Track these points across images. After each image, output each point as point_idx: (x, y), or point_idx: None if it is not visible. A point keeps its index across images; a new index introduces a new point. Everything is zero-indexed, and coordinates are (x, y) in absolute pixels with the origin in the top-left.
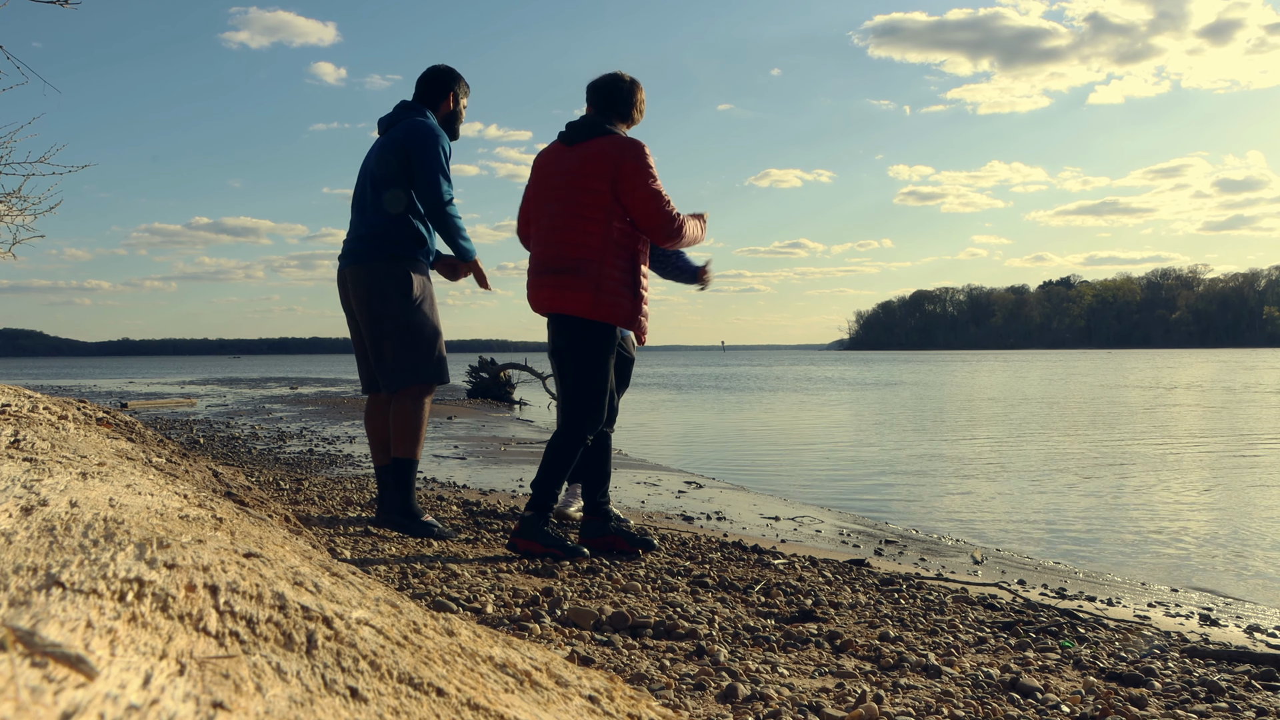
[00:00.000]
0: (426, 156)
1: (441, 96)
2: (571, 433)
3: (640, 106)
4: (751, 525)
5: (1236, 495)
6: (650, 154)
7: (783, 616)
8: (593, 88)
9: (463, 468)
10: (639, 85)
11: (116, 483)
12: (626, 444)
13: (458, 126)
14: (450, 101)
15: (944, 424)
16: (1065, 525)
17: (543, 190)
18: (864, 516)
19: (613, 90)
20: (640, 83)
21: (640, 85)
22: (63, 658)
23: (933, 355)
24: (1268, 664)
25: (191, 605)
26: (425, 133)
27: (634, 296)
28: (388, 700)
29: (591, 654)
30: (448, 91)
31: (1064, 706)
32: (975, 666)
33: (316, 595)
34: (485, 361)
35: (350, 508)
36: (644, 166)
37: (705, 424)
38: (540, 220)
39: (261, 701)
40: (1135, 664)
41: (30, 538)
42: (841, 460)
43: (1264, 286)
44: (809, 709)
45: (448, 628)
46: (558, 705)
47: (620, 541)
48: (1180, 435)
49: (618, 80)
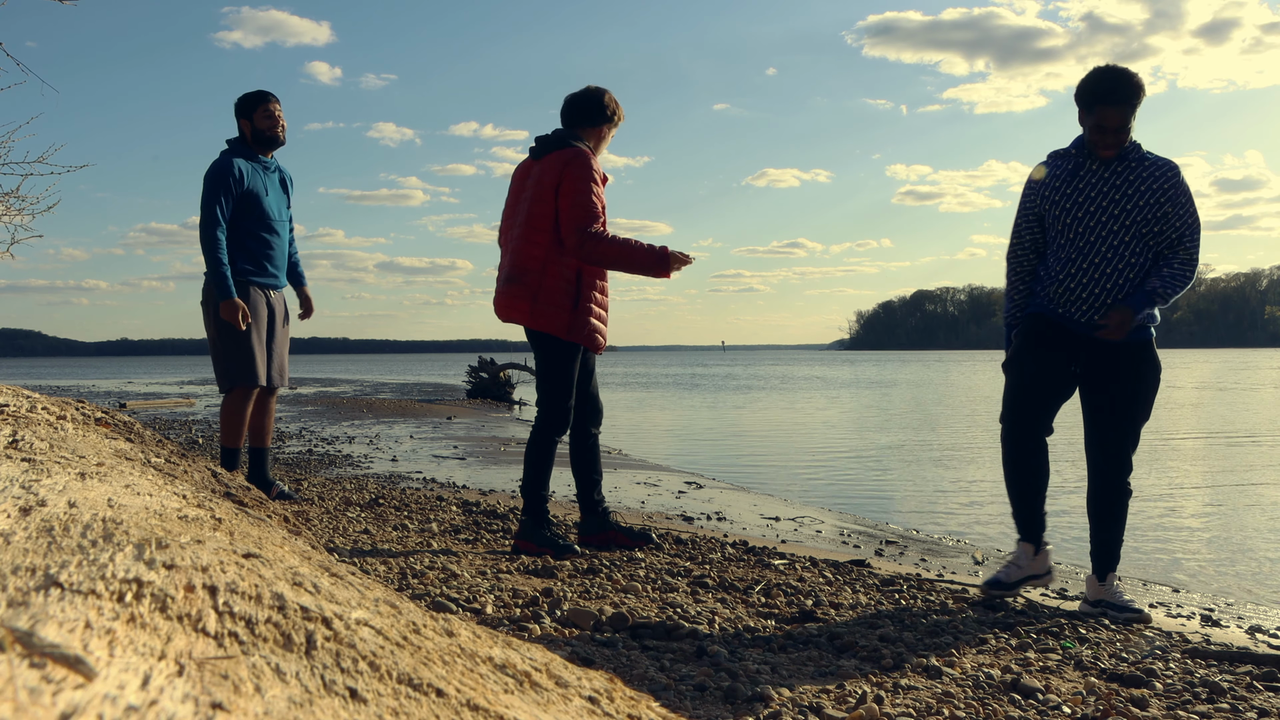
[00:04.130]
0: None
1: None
2: (537, 434)
3: (611, 107)
4: (752, 525)
5: (1238, 494)
6: (593, 166)
7: (783, 617)
8: (564, 103)
9: (462, 468)
10: (605, 91)
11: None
12: (626, 444)
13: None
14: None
15: (944, 424)
16: (1066, 525)
17: (512, 202)
18: (864, 517)
19: (578, 102)
20: (608, 90)
21: (607, 91)
22: (61, 658)
23: (933, 355)
24: (1269, 664)
25: (190, 606)
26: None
27: (574, 308)
28: (387, 701)
29: (591, 655)
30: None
31: (1065, 707)
32: (976, 667)
33: (316, 596)
34: (485, 361)
35: (350, 508)
36: (581, 176)
37: (705, 424)
38: (506, 231)
39: (260, 702)
40: (1136, 664)
41: (29, 538)
42: (842, 460)
43: (1265, 286)
44: (809, 710)
45: (447, 628)
46: (558, 706)
47: (620, 537)
48: (1181, 434)
49: (584, 92)
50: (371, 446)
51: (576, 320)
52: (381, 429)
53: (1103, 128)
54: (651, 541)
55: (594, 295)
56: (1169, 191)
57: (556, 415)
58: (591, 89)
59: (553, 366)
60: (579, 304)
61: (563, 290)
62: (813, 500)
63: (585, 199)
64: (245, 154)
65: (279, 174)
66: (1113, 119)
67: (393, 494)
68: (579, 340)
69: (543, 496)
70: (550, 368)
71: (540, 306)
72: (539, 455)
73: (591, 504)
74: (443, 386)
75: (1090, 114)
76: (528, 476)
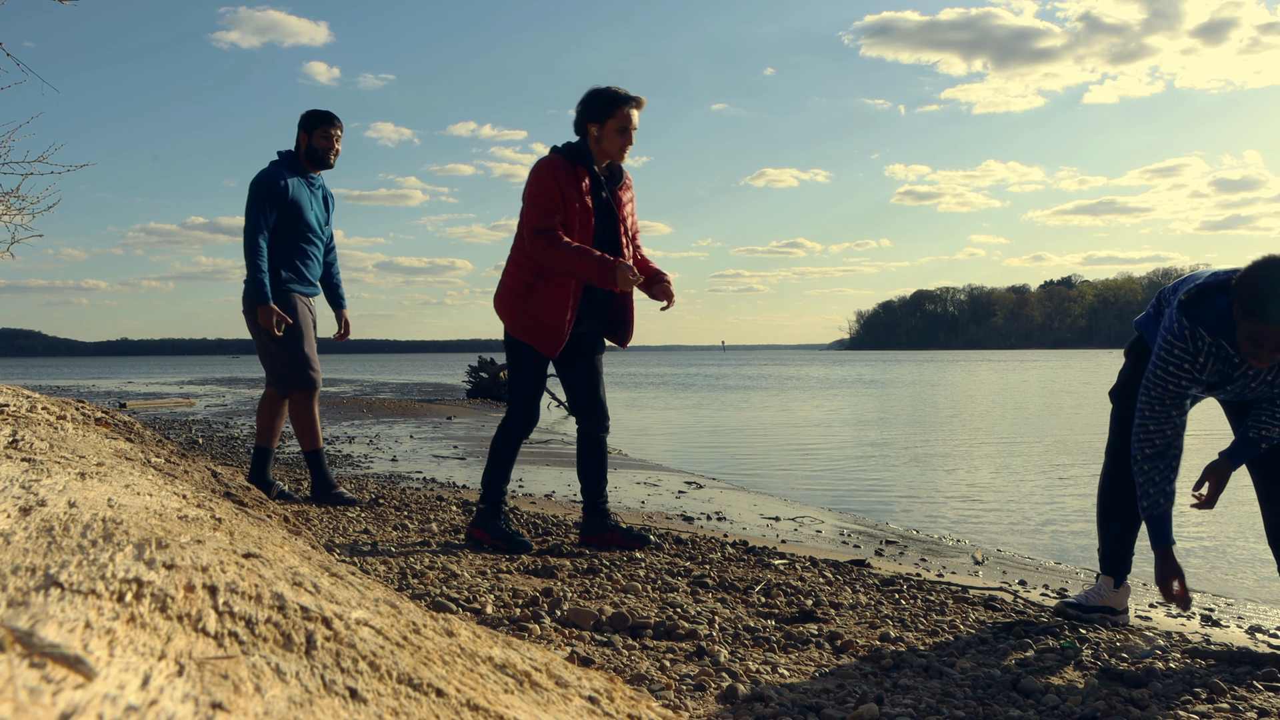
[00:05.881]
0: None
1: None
2: (499, 430)
3: (599, 99)
4: (752, 525)
5: (1239, 494)
6: (547, 168)
7: (783, 617)
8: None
9: (462, 468)
10: (604, 87)
11: (115, 483)
12: (626, 444)
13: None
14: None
15: (945, 424)
16: (1067, 525)
17: None
18: (864, 517)
19: (580, 104)
20: (612, 85)
21: (609, 86)
22: (61, 658)
23: (934, 355)
24: (1269, 664)
25: (190, 606)
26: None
27: (522, 305)
28: (387, 701)
29: (591, 654)
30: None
31: (1065, 707)
32: (976, 667)
33: (316, 596)
34: (485, 361)
35: (350, 508)
36: (535, 181)
37: (705, 424)
38: None
39: (260, 702)
40: (1136, 664)
41: (29, 538)
42: (842, 460)
43: None
44: (809, 710)
45: (447, 628)
46: (557, 706)
47: (618, 538)
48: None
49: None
50: (371, 446)
51: (522, 318)
52: (381, 429)
53: (1259, 342)
54: (650, 543)
55: (550, 295)
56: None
57: (513, 413)
58: (587, 92)
59: (510, 363)
60: (528, 302)
61: (514, 288)
62: (813, 500)
63: (536, 200)
64: (294, 168)
65: (322, 191)
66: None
67: (393, 494)
68: (521, 337)
69: (501, 490)
70: (509, 364)
71: (498, 302)
72: (498, 450)
73: (594, 505)
74: (443, 386)
75: (1247, 320)
76: (488, 468)
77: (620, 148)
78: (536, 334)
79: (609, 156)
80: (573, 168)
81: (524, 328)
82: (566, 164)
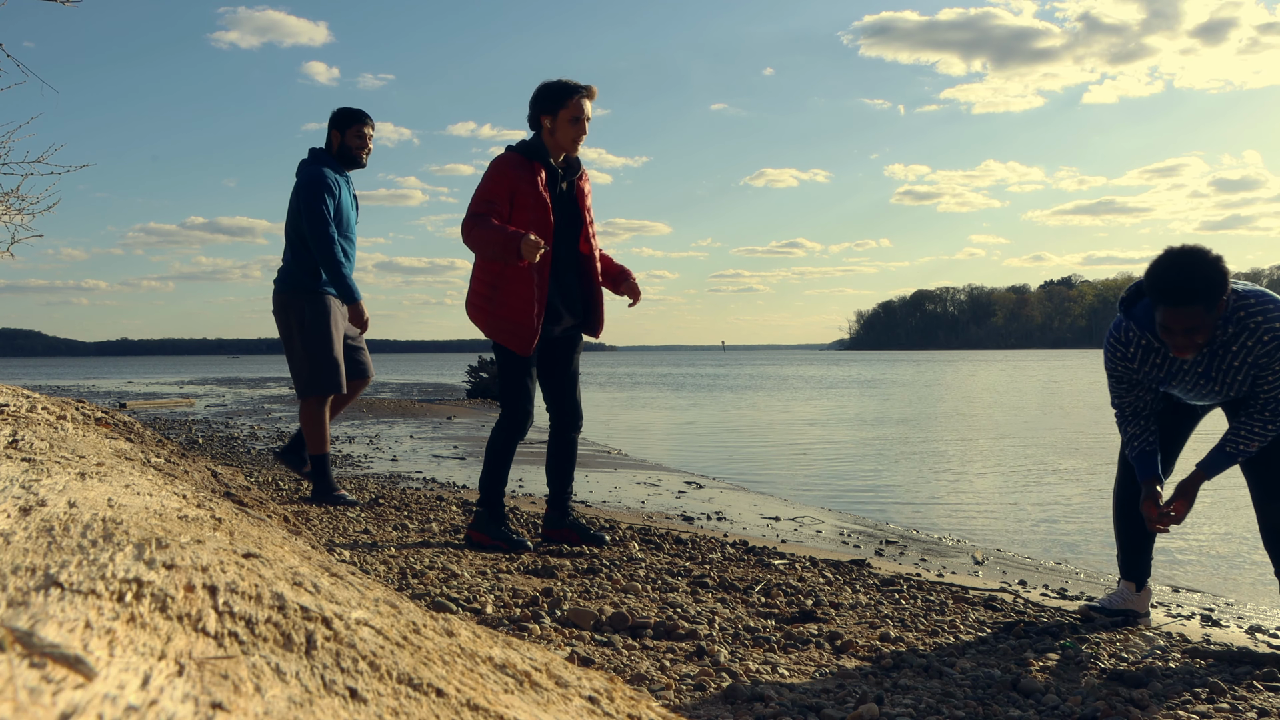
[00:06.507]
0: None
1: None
2: (493, 433)
3: (550, 92)
4: (752, 525)
5: (1238, 494)
6: (499, 165)
7: (783, 617)
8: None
9: (462, 468)
10: (550, 81)
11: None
12: (626, 444)
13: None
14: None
15: (945, 424)
16: (1067, 525)
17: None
18: (864, 517)
19: (531, 99)
20: (562, 78)
21: (556, 80)
22: (61, 658)
23: (934, 355)
24: (1269, 664)
25: (190, 606)
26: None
27: (491, 308)
28: (387, 701)
29: (591, 654)
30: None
31: (1065, 707)
32: (976, 667)
33: (316, 596)
34: (485, 361)
35: (350, 508)
36: (484, 177)
37: (705, 424)
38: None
39: (260, 702)
40: (1136, 664)
41: (29, 538)
42: (842, 460)
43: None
44: (809, 710)
45: (447, 628)
46: (557, 706)
47: (573, 535)
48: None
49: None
50: (371, 446)
51: (493, 320)
52: (381, 429)
53: (1168, 328)
54: (604, 543)
55: (516, 294)
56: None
57: (506, 415)
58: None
59: (498, 366)
60: (495, 304)
61: (482, 293)
62: (813, 500)
63: (477, 193)
64: (332, 165)
65: (352, 190)
66: (1178, 320)
67: (393, 494)
68: (496, 338)
69: (499, 492)
70: (498, 367)
71: (470, 309)
72: (494, 453)
73: (557, 500)
74: (442, 386)
75: (1155, 310)
76: (484, 471)
77: (574, 138)
78: (509, 334)
79: (563, 148)
80: (528, 164)
81: (496, 329)
82: (521, 160)
